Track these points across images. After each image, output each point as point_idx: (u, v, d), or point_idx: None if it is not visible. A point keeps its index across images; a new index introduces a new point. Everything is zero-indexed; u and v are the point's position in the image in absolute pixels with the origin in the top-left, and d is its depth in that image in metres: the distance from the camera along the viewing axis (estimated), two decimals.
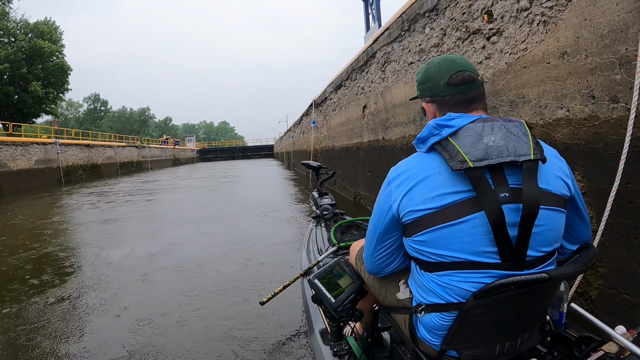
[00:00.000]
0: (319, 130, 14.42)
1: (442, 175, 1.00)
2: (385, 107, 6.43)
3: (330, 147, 12.27)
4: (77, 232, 6.56)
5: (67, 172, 21.00)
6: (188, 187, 14.67)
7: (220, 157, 60.32)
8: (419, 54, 4.89)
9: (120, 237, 6.11)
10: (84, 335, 2.79)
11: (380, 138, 6.83)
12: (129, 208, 9.28)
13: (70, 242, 5.83)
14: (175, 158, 45.98)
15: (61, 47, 32.78)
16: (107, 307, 3.26)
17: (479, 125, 1.03)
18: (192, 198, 11.22)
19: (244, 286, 3.63)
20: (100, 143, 26.87)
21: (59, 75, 32.48)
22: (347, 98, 9.28)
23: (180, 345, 2.59)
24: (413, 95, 1.49)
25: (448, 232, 0.98)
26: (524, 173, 0.96)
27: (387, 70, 6.15)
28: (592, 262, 1.04)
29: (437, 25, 4.35)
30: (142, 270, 4.24)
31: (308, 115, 17.28)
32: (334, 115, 11.40)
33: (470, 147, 0.98)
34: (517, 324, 1.05)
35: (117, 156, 28.58)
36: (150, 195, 12.15)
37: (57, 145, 20.39)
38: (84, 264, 4.55)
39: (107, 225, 7.06)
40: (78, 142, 23.48)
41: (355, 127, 8.75)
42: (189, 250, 5.02)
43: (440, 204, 0.99)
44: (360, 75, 7.84)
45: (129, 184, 16.82)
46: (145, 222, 7.42)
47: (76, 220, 7.88)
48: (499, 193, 0.96)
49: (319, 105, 14.09)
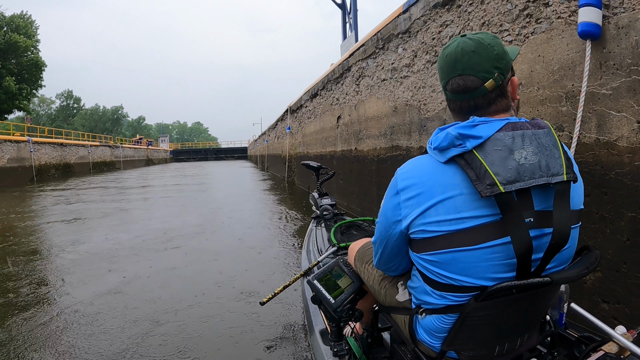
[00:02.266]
0: (294, 136, 14.56)
1: (464, 197, 0.89)
2: (359, 120, 6.66)
3: (304, 153, 12.43)
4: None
5: (40, 171, 20.36)
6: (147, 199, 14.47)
7: (193, 158, 59.65)
8: (391, 71, 5.13)
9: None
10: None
11: (353, 148, 7.06)
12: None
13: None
14: (148, 158, 45.21)
15: (36, 42, 31.83)
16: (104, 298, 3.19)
17: (509, 136, 0.90)
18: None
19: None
20: (73, 142, 26.10)
21: (33, 71, 31.45)
22: (323, 107, 9.49)
23: (180, 346, 2.57)
24: (385, 110, 1.55)
25: (463, 257, 0.91)
26: (556, 197, 0.89)
27: (362, 84, 6.38)
28: (594, 265, 1.01)
29: (409, 47, 4.60)
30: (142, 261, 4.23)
31: (283, 120, 17.41)
32: (309, 123, 11.58)
33: (500, 167, 0.87)
34: (518, 326, 1.03)
35: (90, 156, 27.86)
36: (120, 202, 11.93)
37: (30, 143, 19.73)
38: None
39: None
40: (51, 141, 22.72)
41: (329, 136, 8.96)
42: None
43: (460, 227, 0.90)
44: (336, 87, 8.06)
45: (100, 188, 16.41)
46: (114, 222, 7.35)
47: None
48: (525, 218, 0.87)
49: (294, 111, 14.24)
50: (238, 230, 6.23)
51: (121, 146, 36.23)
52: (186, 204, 9.74)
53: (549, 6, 2.62)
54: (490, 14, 3.17)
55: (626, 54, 2.14)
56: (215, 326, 2.85)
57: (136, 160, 39.98)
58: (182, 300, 3.29)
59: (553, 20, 2.58)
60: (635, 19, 2.09)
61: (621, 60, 2.17)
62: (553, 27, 2.59)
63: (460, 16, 3.58)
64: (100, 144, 31.21)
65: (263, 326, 2.82)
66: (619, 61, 2.19)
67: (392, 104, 5.12)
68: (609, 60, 2.24)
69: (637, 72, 2.09)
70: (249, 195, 11.44)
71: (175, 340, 2.63)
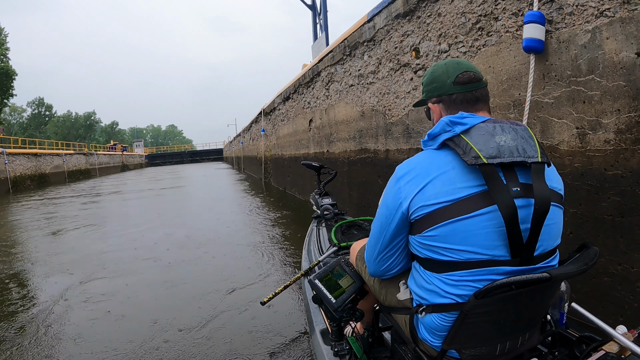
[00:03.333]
0: (269, 138, 14.63)
1: (456, 171, 1.01)
2: (329, 123, 6.82)
3: (279, 155, 12.52)
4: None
5: (15, 182, 19.73)
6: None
7: (169, 162, 58.72)
8: (358, 77, 5.30)
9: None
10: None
11: (325, 151, 7.21)
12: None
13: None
14: (123, 164, 44.29)
15: (6, 51, 30.67)
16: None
17: (490, 125, 1.05)
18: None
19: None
20: (48, 152, 25.20)
21: (4, 81, 30.24)
22: (295, 111, 9.61)
23: (179, 346, 2.58)
24: (354, 115, 1.63)
25: (462, 226, 0.98)
26: (532, 173, 0.99)
27: (331, 89, 6.54)
28: (593, 262, 1.03)
29: (374, 54, 4.78)
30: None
31: (257, 122, 17.43)
32: (282, 126, 11.68)
33: (483, 145, 0.99)
34: (518, 324, 1.04)
35: (65, 164, 27.00)
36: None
37: (5, 155, 19.00)
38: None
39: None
40: (25, 152, 21.95)
41: (302, 139, 9.09)
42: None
43: (454, 198, 0.99)
44: (307, 91, 8.20)
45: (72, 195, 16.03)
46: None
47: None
48: (511, 187, 0.97)
49: (268, 114, 14.31)
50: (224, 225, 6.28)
51: (95, 153, 35.34)
52: (162, 210, 9.66)
53: (498, 20, 2.82)
54: (447, 26, 3.37)
55: (566, 66, 2.35)
56: (214, 326, 2.86)
57: (111, 167, 39.03)
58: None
59: (502, 34, 2.79)
60: (575, 34, 2.29)
61: (562, 72, 2.38)
62: (502, 41, 2.79)
63: (420, 27, 3.77)
64: (75, 152, 30.32)
65: (263, 326, 2.81)
66: (559, 72, 2.39)
67: (359, 108, 5.29)
68: (551, 71, 2.45)
69: (576, 83, 2.30)
70: (232, 196, 11.44)
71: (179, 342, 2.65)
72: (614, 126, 2.10)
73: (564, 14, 2.35)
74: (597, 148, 2.20)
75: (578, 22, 2.28)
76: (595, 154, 2.21)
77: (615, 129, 2.10)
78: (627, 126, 2.04)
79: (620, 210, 2.08)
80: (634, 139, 2.01)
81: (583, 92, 2.26)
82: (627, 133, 2.04)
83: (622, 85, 2.06)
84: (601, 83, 2.16)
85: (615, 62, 2.09)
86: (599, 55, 2.17)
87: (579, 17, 2.26)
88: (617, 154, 2.09)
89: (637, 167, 2.00)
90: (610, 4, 2.12)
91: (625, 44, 2.04)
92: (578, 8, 2.27)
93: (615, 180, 2.10)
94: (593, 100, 2.20)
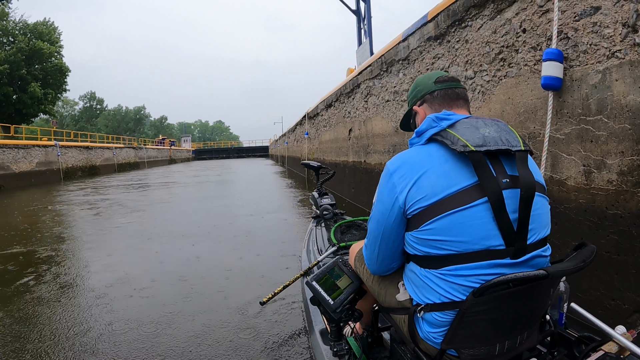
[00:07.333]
0: (312, 142, 14.99)
1: (449, 164, 1.04)
2: (367, 135, 7.03)
3: (321, 159, 12.82)
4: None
5: (67, 173, 21.40)
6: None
7: (215, 157, 60.64)
8: (394, 94, 5.48)
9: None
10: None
11: (363, 161, 7.43)
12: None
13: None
14: (171, 158, 46.68)
15: (59, 48, 33.01)
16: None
17: (473, 120, 1.11)
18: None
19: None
20: (98, 145, 27.09)
21: (58, 76, 32.67)
22: (336, 118, 9.87)
23: (179, 346, 2.57)
24: (389, 129, 1.73)
25: (459, 217, 1.00)
26: (517, 161, 1.04)
27: (369, 102, 6.75)
28: (590, 259, 1.03)
29: (408, 73, 4.95)
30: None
31: (302, 125, 17.85)
32: (324, 132, 11.98)
33: (469, 136, 1.04)
34: (517, 323, 1.05)
35: (115, 157, 28.83)
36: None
37: (57, 147, 20.72)
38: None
39: None
40: (77, 144, 23.73)
41: (342, 147, 9.35)
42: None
43: (450, 191, 1.01)
44: (348, 100, 8.43)
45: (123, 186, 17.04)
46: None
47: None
48: (501, 179, 1.01)
49: (311, 117, 14.65)
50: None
51: (144, 147, 37.34)
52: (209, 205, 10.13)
53: (518, 53, 2.93)
54: (473, 54, 3.50)
55: (577, 104, 2.44)
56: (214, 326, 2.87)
57: (159, 161, 41.47)
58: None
59: (521, 66, 2.90)
60: (587, 74, 2.38)
61: (573, 110, 2.47)
62: (521, 74, 2.90)
63: (450, 51, 3.91)
64: (125, 146, 32.26)
65: (263, 326, 2.81)
66: (571, 110, 2.49)
67: (394, 124, 5.47)
68: (564, 108, 2.54)
69: (585, 122, 2.39)
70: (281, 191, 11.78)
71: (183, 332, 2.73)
72: (617, 167, 2.19)
73: (579, 52, 2.42)
74: (600, 187, 2.29)
75: (591, 62, 2.36)
76: (598, 192, 2.30)
77: (618, 170, 2.19)
78: (629, 168, 2.13)
79: (617, 249, 2.17)
80: (635, 182, 2.09)
81: (591, 131, 2.35)
82: (628, 175, 2.13)
83: (628, 128, 2.14)
84: (608, 124, 2.24)
85: (623, 104, 2.17)
86: (607, 97, 2.25)
87: (592, 57, 2.34)
88: (618, 195, 2.18)
89: (635, 210, 2.09)
90: (621, 45, 2.19)
91: (632, 87, 2.12)
92: (592, 47, 2.34)
93: (615, 220, 2.20)
94: (600, 140, 2.30)
